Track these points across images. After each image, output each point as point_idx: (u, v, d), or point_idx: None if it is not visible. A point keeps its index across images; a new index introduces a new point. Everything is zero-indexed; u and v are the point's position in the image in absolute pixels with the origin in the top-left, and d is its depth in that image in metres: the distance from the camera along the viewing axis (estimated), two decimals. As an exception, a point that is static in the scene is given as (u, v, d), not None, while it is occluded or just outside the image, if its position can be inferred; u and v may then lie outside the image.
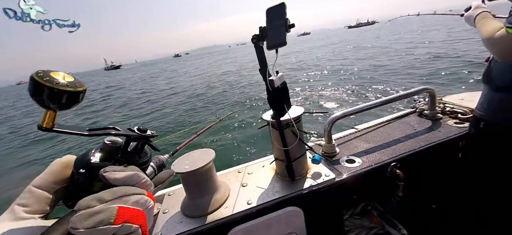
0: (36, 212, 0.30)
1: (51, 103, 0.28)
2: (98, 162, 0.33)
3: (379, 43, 17.53)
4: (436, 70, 7.75)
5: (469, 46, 10.47)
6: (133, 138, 0.35)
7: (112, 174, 0.30)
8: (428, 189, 1.08)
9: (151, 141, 0.38)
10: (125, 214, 0.27)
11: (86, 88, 0.31)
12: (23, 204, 0.30)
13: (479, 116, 0.98)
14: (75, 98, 0.29)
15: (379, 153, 0.98)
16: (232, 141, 4.79)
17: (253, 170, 0.98)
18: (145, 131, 0.37)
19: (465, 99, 1.30)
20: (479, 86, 1.05)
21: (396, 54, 11.45)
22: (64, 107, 0.29)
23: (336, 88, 7.74)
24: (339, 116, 1.02)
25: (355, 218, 1.11)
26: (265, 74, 0.66)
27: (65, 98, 0.28)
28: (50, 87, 0.27)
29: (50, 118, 0.29)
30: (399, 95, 1.14)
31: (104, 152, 0.34)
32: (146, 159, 0.38)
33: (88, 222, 0.24)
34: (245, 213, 0.76)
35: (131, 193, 0.29)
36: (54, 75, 0.28)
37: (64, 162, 0.33)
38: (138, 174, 0.32)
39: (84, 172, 0.32)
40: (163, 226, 0.75)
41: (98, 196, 0.27)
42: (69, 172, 0.33)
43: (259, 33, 0.63)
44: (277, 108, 0.71)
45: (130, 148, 0.36)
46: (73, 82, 0.29)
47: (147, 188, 0.32)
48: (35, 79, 0.26)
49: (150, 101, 11.03)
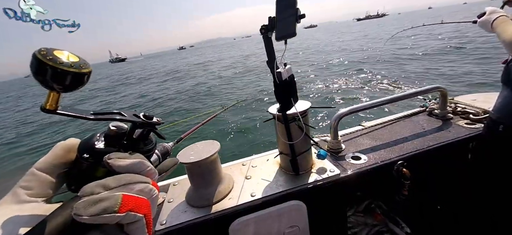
0: (38, 195, 0.30)
1: (54, 83, 0.26)
2: (103, 148, 0.32)
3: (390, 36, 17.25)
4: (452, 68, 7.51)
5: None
6: (139, 124, 0.34)
7: (116, 161, 0.29)
8: (435, 189, 1.06)
9: (156, 128, 0.37)
10: (130, 202, 0.26)
11: (92, 70, 0.29)
12: (26, 187, 0.30)
13: (496, 118, 0.93)
14: (79, 79, 0.28)
15: (385, 150, 0.96)
16: (237, 134, 4.81)
17: (257, 163, 0.98)
18: (151, 118, 0.36)
19: (478, 100, 1.26)
20: (491, 87, 1.00)
21: (408, 51, 11.11)
22: (68, 88, 0.27)
23: (345, 83, 7.61)
24: (346, 113, 1.00)
25: (358, 215, 1.11)
26: (272, 66, 0.65)
27: (69, 79, 0.27)
28: (53, 67, 0.25)
29: (53, 99, 0.28)
30: (410, 93, 1.11)
31: (109, 137, 0.33)
32: (151, 146, 0.37)
33: (92, 209, 0.24)
34: (248, 205, 0.77)
35: (136, 181, 0.29)
36: (57, 54, 0.26)
37: (68, 145, 0.33)
38: (143, 162, 0.31)
39: (88, 157, 0.31)
40: (168, 215, 0.76)
41: (103, 183, 0.27)
42: (73, 155, 0.32)
43: (268, 23, 0.61)
44: (284, 101, 0.71)
45: (135, 135, 0.35)
46: (78, 62, 0.28)
47: (152, 176, 0.32)
48: (37, 58, 0.25)
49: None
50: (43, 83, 0.26)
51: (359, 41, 17.28)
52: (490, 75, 5.89)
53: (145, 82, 14.92)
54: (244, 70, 13.36)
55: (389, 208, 1.07)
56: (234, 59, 22.37)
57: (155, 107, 7.83)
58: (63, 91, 0.28)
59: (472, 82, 5.61)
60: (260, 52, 25.33)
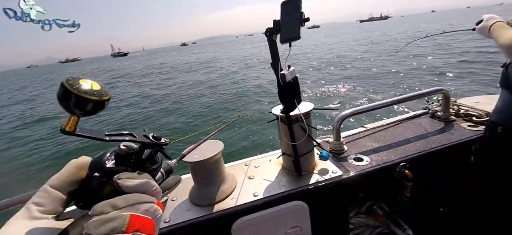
0: (50, 212, 0.31)
1: (76, 109, 0.29)
2: (113, 167, 0.33)
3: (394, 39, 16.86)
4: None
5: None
6: (148, 145, 0.36)
7: (125, 182, 0.30)
8: (437, 191, 1.06)
9: (163, 149, 0.39)
10: (137, 222, 0.27)
11: (111, 96, 0.32)
12: (38, 203, 0.31)
13: (496, 120, 0.95)
14: (100, 106, 0.30)
15: (388, 152, 0.96)
16: (240, 134, 4.82)
17: (260, 163, 0.99)
18: (159, 139, 0.38)
19: (481, 102, 1.26)
20: (496, 90, 1.01)
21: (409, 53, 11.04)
22: (88, 114, 0.30)
23: (348, 85, 7.58)
24: (349, 114, 1.01)
25: (360, 216, 1.11)
26: (276, 68, 0.66)
27: (90, 106, 0.29)
28: (78, 95, 0.28)
29: (73, 123, 0.30)
30: (412, 95, 1.11)
31: (119, 156, 0.34)
32: (157, 165, 0.39)
33: (102, 229, 0.25)
34: (251, 205, 0.77)
35: (142, 201, 0.30)
36: (82, 83, 0.29)
37: (80, 163, 0.34)
38: (149, 182, 0.32)
39: (99, 176, 0.32)
40: (171, 213, 0.77)
41: (112, 203, 0.28)
42: (84, 173, 0.34)
43: (272, 26, 0.62)
44: (287, 103, 0.71)
45: (144, 155, 0.36)
46: (100, 91, 0.30)
47: (157, 196, 0.33)
48: (65, 86, 0.27)
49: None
50: (66, 108, 0.29)
51: (364, 47, 17.02)
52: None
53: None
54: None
55: (391, 209, 1.07)
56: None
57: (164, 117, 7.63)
58: (83, 116, 0.30)
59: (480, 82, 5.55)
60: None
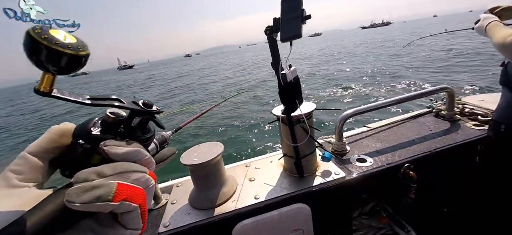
0: (29, 180, 0.29)
1: (49, 65, 0.24)
2: (99, 134, 0.30)
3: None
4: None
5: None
6: (138, 112, 0.33)
7: (112, 149, 0.28)
8: (442, 192, 1.04)
9: (156, 117, 0.36)
10: (125, 191, 0.25)
11: (90, 53, 0.27)
12: (16, 171, 0.28)
13: (498, 119, 0.95)
14: (76, 62, 0.26)
15: (391, 153, 0.94)
16: (240, 135, 4.80)
17: (261, 165, 0.97)
18: (150, 106, 0.34)
19: (486, 101, 1.23)
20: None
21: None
22: (64, 71, 0.26)
23: (350, 85, 7.55)
24: (351, 114, 0.99)
25: (363, 217, 1.09)
26: (277, 68, 0.64)
27: (65, 61, 0.25)
28: (48, 47, 0.23)
29: (48, 82, 0.26)
30: (416, 94, 1.09)
31: (106, 124, 0.31)
32: (150, 135, 0.35)
33: (85, 197, 0.23)
34: (252, 208, 0.76)
35: (132, 170, 0.28)
36: (53, 33, 0.24)
37: (62, 129, 0.31)
38: (140, 151, 0.30)
39: (83, 143, 0.29)
40: (171, 217, 0.76)
41: (98, 170, 0.26)
42: (67, 140, 0.31)
43: (273, 24, 0.61)
44: (289, 103, 0.70)
45: (133, 123, 0.33)
46: (75, 44, 0.25)
47: (149, 166, 0.31)
48: (31, 36, 0.23)
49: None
50: (37, 64, 0.25)
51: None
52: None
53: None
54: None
55: (395, 211, 1.05)
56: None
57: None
58: (58, 74, 0.26)
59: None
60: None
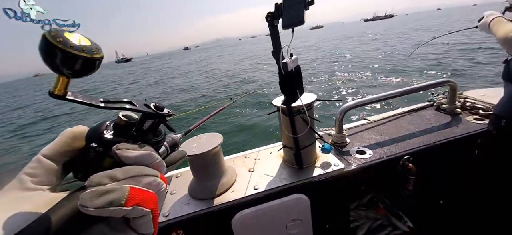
0: (43, 183, 0.29)
1: (64, 68, 0.25)
2: (111, 137, 0.30)
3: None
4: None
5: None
6: (149, 115, 0.33)
7: (125, 152, 0.28)
8: (441, 184, 1.05)
9: (167, 120, 0.36)
10: (137, 196, 0.25)
11: (103, 56, 0.27)
12: (30, 174, 0.28)
13: (499, 113, 0.95)
14: (90, 65, 0.26)
15: (391, 145, 0.94)
16: (240, 126, 4.80)
17: (261, 156, 0.97)
18: (162, 109, 0.34)
19: (487, 95, 1.23)
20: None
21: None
22: (78, 74, 0.26)
23: (351, 77, 7.49)
24: (353, 106, 0.98)
25: (361, 209, 1.10)
26: (278, 56, 0.62)
27: (79, 65, 0.25)
28: (64, 51, 0.24)
29: (62, 85, 0.26)
30: (419, 87, 1.08)
31: (118, 127, 0.31)
32: (161, 138, 0.35)
33: (98, 201, 0.23)
34: (251, 198, 0.76)
35: (144, 174, 0.28)
36: (68, 37, 0.25)
37: (75, 132, 0.31)
38: (152, 154, 0.30)
39: (96, 147, 0.30)
40: (171, 207, 0.76)
41: (110, 174, 0.26)
42: (80, 144, 0.31)
43: (274, 10, 0.58)
44: (289, 93, 0.68)
45: (145, 126, 0.33)
46: (89, 47, 0.26)
47: (160, 169, 0.31)
48: (47, 39, 0.23)
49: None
50: (52, 67, 0.25)
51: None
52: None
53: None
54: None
55: (392, 202, 1.06)
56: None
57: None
58: (72, 77, 0.26)
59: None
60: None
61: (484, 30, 1.04)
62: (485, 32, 1.04)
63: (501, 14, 0.99)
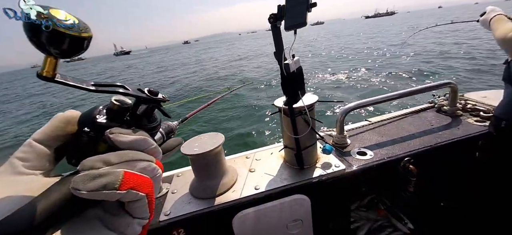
0: (35, 167, 0.28)
1: (51, 47, 0.23)
2: (104, 122, 0.30)
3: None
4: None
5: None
6: (143, 100, 0.32)
7: (118, 137, 0.27)
8: (442, 186, 1.05)
9: (162, 106, 0.35)
10: (131, 180, 0.25)
11: (92, 35, 0.26)
12: (22, 158, 0.28)
13: (499, 115, 0.95)
14: (79, 44, 0.25)
15: (392, 146, 0.95)
16: (241, 126, 4.80)
17: (261, 156, 0.97)
18: (156, 94, 0.33)
19: (488, 97, 1.23)
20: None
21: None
22: (66, 54, 0.25)
23: (352, 78, 7.49)
24: (353, 107, 0.98)
25: (361, 210, 1.11)
26: (280, 57, 0.63)
27: (67, 43, 0.24)
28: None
29: (50, 66, 0.25)
30: (419, 88, 1.08)
31: (111, 111, 0.31)
32: (156, 124, 0.35)
33: (91, 185, 0.22)
34: (252, 198, 0.76)
35: (138, 158, 0.27)
36: (54, 13, 0.23)
37: (67, 117, 0.31)
38: (146, 140, 0.29)
39: (89, 131, 0.29)
40: (172, 206, 0.77)
41: (104, 158, 0.26)
42: (72, 128, 0.31)
43: (277, 12, 0.59)
44: (291, 94, 0.69)
45: (139, 111, 0.32)
46: (77, 25, 0.24)
47: (156, 155, 0.30)
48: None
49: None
50: (38, 46, 0.24)
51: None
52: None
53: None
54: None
55: (393, 204, 1.07)
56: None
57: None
58: (60, 57, 0.25)
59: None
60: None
61: (484, 26, 1.02)
62: (485, 28, 1.02)
63: (503, 12, 0.96)
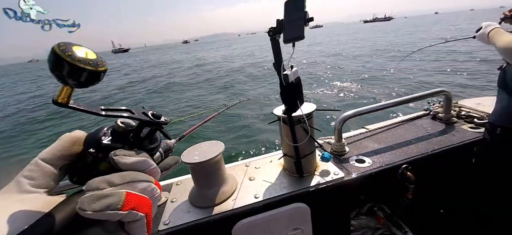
0: (41, 186, 0.29)
1: (69, 79, 0.26)
2: (109, 143, 0.31)
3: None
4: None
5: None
6: (147, 123, 0.34)
7: (122, 159, 0.29)
8: (439, 193, 1.06)
9: (163, 128, 0.37)
10: (133, 200, 0.26)
11: (107, 69, 0.29)
12: (29, 176, 0.29)
13: (494, 121, 0.97)
14: (95, 77, 0.28)
15: (389, 154, 0.96)
16: (240, 135, 4.80)
17: (261, 164, 0.98)
18: (159, 117, 0.35)
19: (482, 104, 1.26)
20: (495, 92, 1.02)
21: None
22: (82, 85, 0.27)
23: (349, 86, 7.58)
24: (351, 115, 1.00)
25: (361, 218, 1.11)
26: (279, 69, 0.65)
27: (84, 77, 0.27)
28: (71, 64, 0.25)
29: (66, 94, 0.27)
30: (415, 96, 1.11)
31: (116, 133, 0.32)
32: (156, 144, 0.37)
33: (96, 205, 0.24)
34: (252, 207, 0.76)
35: (139, 179, 0.29)
36: (76, 50, 0.26)
37: (73, 137, 0.32)
38: (147, 161, 0.31)
39: (94, 152, 0.31)
40: (171, 215, 0.76)
41: (108, 179, 0.27)
42: (78, 148, 0.32)
43: (276, 26, 0.61)
44: (290, 104, 0.70)
45: (142, 133, 0.34)
46: (95, 60, 0.27)
47: (155, 175, 0.32)
48: (56, 53, 0.25)
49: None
50: (58, 78, 0.26)
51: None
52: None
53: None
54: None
55: (392, 211, 1.07)
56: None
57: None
58: (77, 87, 0.28)
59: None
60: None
61: (482, 40, 1.06)
62: (482, 42, 1.06)
63: (498, 25, 1.01)
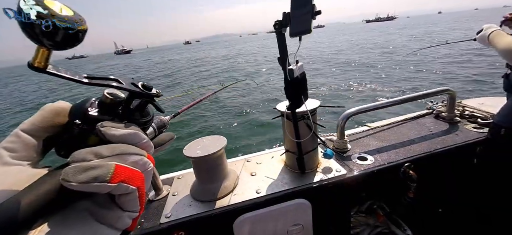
0: (23, 158, 0.28)
1: (44, 38, 0.23)
2: (96, 115, 0.29)
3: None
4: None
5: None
6: (137, 94, 0.32)
7: (110, 130, 0.27)
8: (441, 192, 1.06)
9: (155, 100, 0.34)
10: (123, 173, 0.25)
11: (87, 28, 0.26)
12: (9, 148, 0.28)
13: (499, 122, 0.97)
14: (73, 37, 0.24)
15: (392, 152, 0.95)
16: (241, 130, 4.80)
17: (262, 160, 0.97)
18: (150, 88, 0.33)
19: (485, 104, 1.25)
20: (499, 92, 1.04)
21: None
22: (59, 46, 0.24)
23: (353, 83, 7.55)
24: (354, 112, 0.99)
25: (360, 215, 1.11)
26: (284, 63, 0.64)
27: (61, 36, 0.23)
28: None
29: (42, 57, 0.24)
30: (418, 95, 1.10)
31: (103, 105, 0.30)
32: (148, 118, 0.34)
33: (82, 176, 0.22)
34: (253, 202, 0.76)
35: (130, 152, 0.27)
36: (49, 5, 0.23)
37: (56, 108, 0.30)
38: (138, 134, 0.29)
39: (80, 124, 0.28)
40: (172, 208, 0.76)
41: (95, 150, 0.25)
42: (62, 119, 0.30)
43: (282, 19, 0.60)
44: (294, 99, 0.69)
45: (132, 105, 0.32)
46: (72, 17, 0.24)
47: (148, 149, 0.30)
48: (22, 7, 0.21)
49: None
50: (31, 37, 0.23)
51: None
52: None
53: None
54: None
55: (392, 209, 1.07)
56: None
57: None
58: (54, 49, 0.25)
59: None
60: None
61: (482, 42, 1.07)
62: (483, 44, 1.07)
63: (499, 27, 1.02)
